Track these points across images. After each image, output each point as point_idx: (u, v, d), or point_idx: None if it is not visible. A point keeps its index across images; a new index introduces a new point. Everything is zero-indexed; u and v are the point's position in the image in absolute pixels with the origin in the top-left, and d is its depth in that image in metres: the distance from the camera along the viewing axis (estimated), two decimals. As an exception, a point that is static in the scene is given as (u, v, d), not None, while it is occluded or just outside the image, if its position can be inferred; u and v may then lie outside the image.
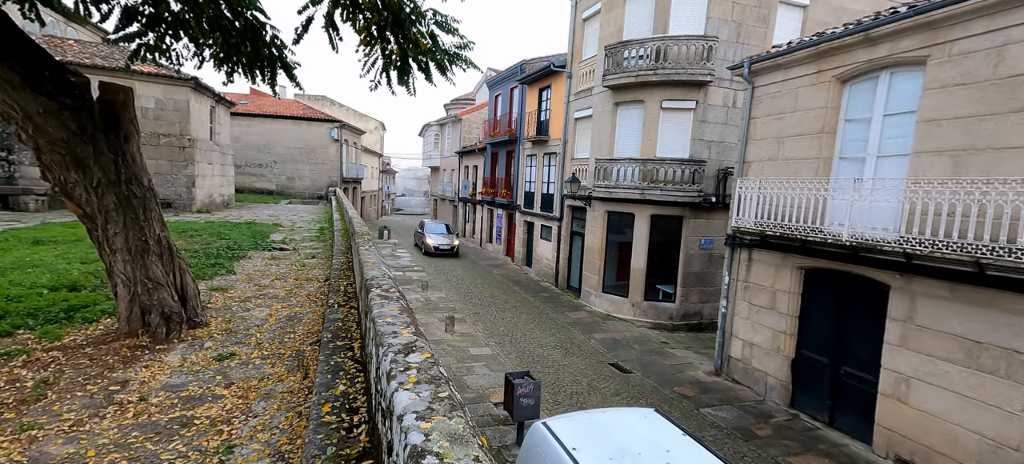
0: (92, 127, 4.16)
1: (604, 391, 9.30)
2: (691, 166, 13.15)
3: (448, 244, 22.92)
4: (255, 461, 3.18)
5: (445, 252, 22.86)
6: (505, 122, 23.92)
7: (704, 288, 14.07)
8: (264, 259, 10.25)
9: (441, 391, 1.74)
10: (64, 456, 3.10)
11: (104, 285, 6.81)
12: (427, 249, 22.87)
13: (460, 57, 4.77)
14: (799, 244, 8.06)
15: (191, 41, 5.05)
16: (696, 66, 12.65)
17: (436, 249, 22.68)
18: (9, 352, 4.40)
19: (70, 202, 4.44)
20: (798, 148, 8.57)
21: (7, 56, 3.57)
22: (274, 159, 29.64)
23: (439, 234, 23.80)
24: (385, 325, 2.49)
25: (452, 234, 24.37)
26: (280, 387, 4.32)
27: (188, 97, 17.39)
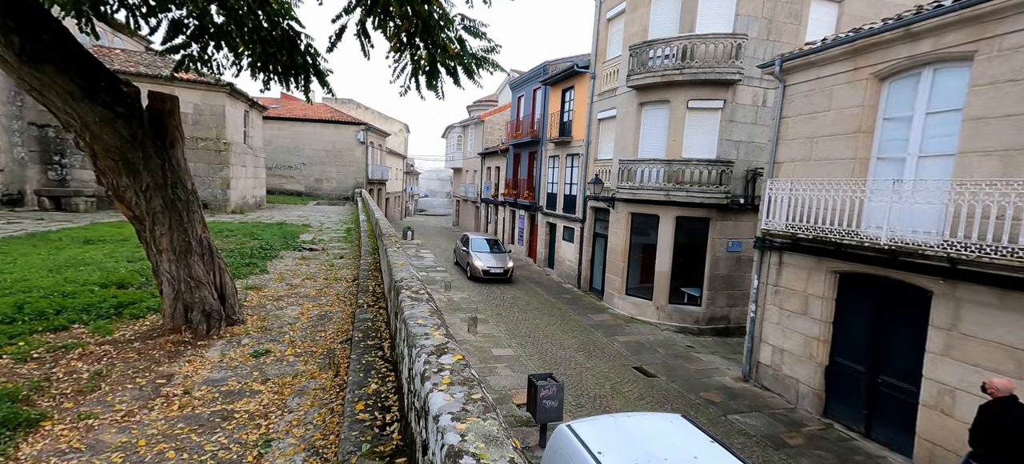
0: (142, 134, 4.42)
1: (628, 395, 9.21)
2: (718, 167, 12.87)
3: (500, 267, 17.59)
4: (291, 455, 3.31)
5: (497, 277, 17.52)
6: (528, 123, 23.95)
7: (731, 291, 13.74)
8: (295, 259, 10.59)
9: (474, 393, 1.79)
10: (118, 445, 3.30)
11: (149, 283, 7.19)
12: (474, 272, 17.57)
13: (487, 60, 4.83)
14: (834, 248, 7.79)
15: (231, 51, 5.29)
16: (724, 65, 12.38)
17: (486, 273, 17.39)
18: (66, 345, 4.71)
19: (121, 204, 4.72)
20: (833, 148, 8.28)
21: (68, 68, 3.84)
22: (303, 161, 30.54)
23: (487, 253, 18.41)
24: (417, 326, 2.56)
25: (504, 252, 18.95)
26: (313, 384, 4.47)
27: (224, 102, 18.12)
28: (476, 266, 17.49)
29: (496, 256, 18.23)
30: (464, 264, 18.91)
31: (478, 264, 17.45)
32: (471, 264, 17.72)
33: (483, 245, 19.15)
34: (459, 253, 20.23)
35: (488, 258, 17.93)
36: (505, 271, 17.68)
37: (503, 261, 18.01)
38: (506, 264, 17.79)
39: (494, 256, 18.27)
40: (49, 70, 3.74)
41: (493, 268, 17.54)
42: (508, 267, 17.78)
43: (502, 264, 17.80)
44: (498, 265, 17.68)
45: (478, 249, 18.69)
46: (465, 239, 20.08)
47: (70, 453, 3.15)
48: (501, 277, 17.66)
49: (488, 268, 17.44)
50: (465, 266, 18.73)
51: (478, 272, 17.44)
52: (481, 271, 17.35)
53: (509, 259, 18.30)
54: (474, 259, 17.69)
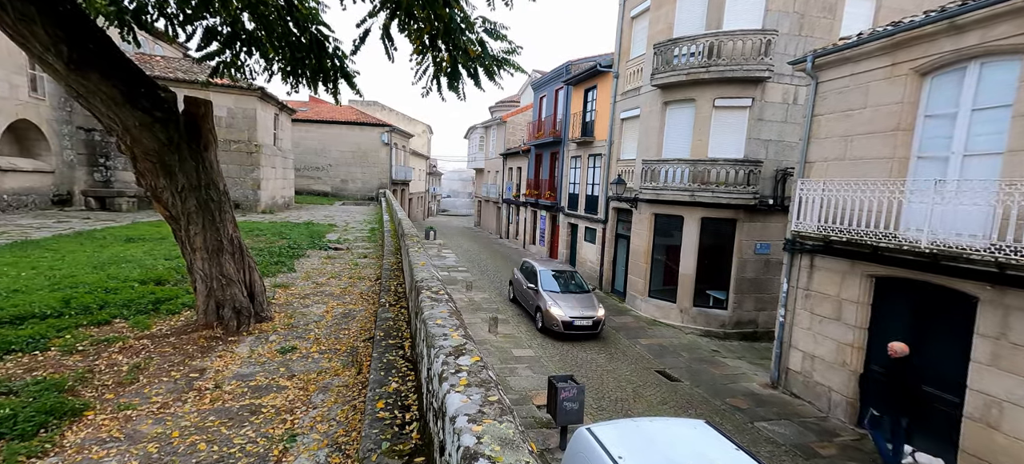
0: (178, 137, 4.62)
1: (650, 399, 9.05)
2: (746, 167, 12.50)
3: (588, 317, 11.90)
4: (315, 450, 3.39)
5: (583, 333, 11.86)
6: (549, 124, 23.88)
7: (759, 295, 13.33)
8: (321, 258, 10.87)
9: (491, 395, 1.79)
10: (154, 435, 3.45)
11: (184, 280, 7.51)
12: (548, 324, 11.88)
13: (508, 62, 4.84)
14: (869, 251, 7.45)
15: (262, 57, 5.47)
16: (753, 62, 12.03)
17: (568, 327, 11.63)
18: (108, 339, 4.97)
19: (159, 205, 4.95)
20: (869, 147, 7.93)
21: (111, 75, 4.06)
22: (330, 162, 31.32)
23: (566, 294, 12.62)
24: (436, 327, 2.58)
25: (587, 290, 13.29)
26: (336, 381, 4.57)
27: (255, 106, 18.77)
28: (553, 316, 11.71)
29: (580, 299, 12.46)
30: (530, 307, 13.17)
31: (556, 314, 11.69)
32: (546, 312, 11.95)
33: (555, 281, 13.20)
34: (521, 289, 14.17)
35: (569, 304, 12.08)
36: (595, 323, 11.84)
37: (590, 307, 12.14)
38: (596, 312, 11.98)
39: (577, 299, 12.43)
40: (94, 77, 3.95)
41: (579, 320, 11.68)
42: (598, 316, 11.93)
43: (590, 312, 11.92)
44: (585, 315, 11.81)
45: (550, 287, 12.82)
46: (529, 269, 14.13)
47: (110, 442, 3.32)
48: (589, 332, 11.86)
49: (572, 320, 11.62)
50: (531, 310, 13.01)
51: (556, 324, 11.65)
52: (560, 323, 11.57)
53: (599, 306, 12.44)
54: (549, 305, 11.93)
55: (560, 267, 14.74)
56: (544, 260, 16.56)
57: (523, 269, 14.86)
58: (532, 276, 13.70)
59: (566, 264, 17.25)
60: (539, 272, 13.53)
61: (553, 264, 15.17)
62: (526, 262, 15.07)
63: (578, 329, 11.83)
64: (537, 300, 12.68)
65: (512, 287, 15.35)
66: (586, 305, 12.31)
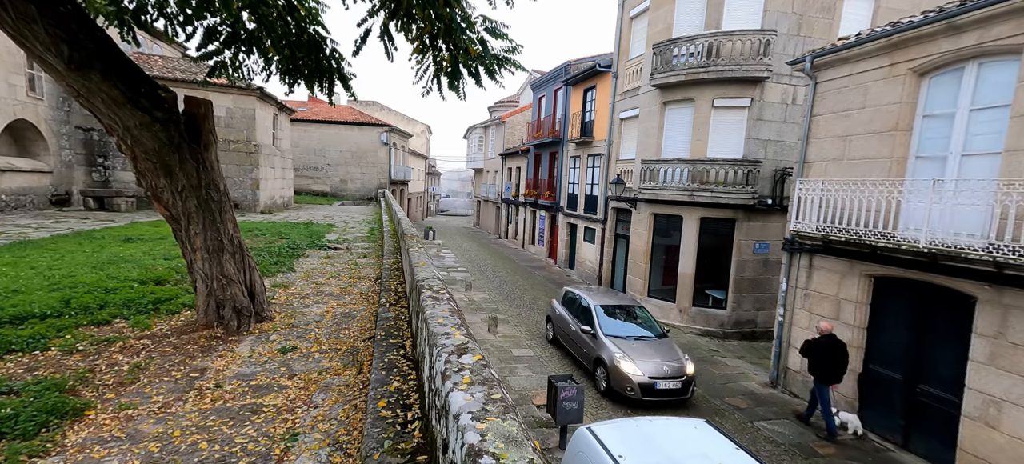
0: (178, 138, 4.62)
1: (650, 398, 9.05)
2: (745, 167, 12.53)
3: (676, 376, 8.43)
4: (316, 449, 3.40)
5: (671, 398, 8.50)
6: (549, 123, 23.89)
7: (758, 295, 13.36)
8: (320, 258, 10.86)
9: (494, 393, 1.79)
10: (155, 434, 3.45)
11: (183, 280, 7.50)
12: (619, 385, 8.43)
13: (509, 61, 4.84)
14: (868, 250, 7.48)
15: (260, 56, 5.47)
16: (752, 62, 12.06)
17: (647, 391, 8.27)
18: (109, 339, 4.96)
19: (159, 205, 4.94)
20: (867, 147, 7.96)
21: (111, 75, 4.05)
22: (329, 162, 31.29)
23: (640, 345, 9.00)
24: (437, 326, 2.59)
25: (663, 334, 9.72)
26: (337, 380, 4.58)
27: (254, 106, 18.75)
28: (626, 374, 8.28)
29: (657, 347, 8.91)
30: (584, 359, 9.58)
31: (630, 372, 8.27)
32: (614, 369, 8.45)
33: (616, 321, 9.62)
34: (565, 330, 10.51)
35: (645, 356, 8.55)
36: (685, 383, 8.41)
37: (673, 357, 8.67)
38: (683, 365, 8.51)
39: (653, 348, 8.86)
40: (94, 77, 3.95)
41: (662, 380, 8.26)
42: (688, 372, 8.47)
43: (675, 366, 8.46)
44: (670, 371, 8.35)
45: (613, 331, 9.23)
46: (576, 302, 10.55)
47: (112, 441, 3.32)
48: (677, 397, 8.45)
49: (652, 381, 8.19)
50: (586, 362, 9.54)
51: (630, 387, 8.24)
52: (637, 386, 8.18)
53: (681, 350, 9.10)
54: (618, 359, 8.48)
55: (618, 300, 10.85)
56: (593, 290, 11.82)
57: (566, 302, 11.08)
58: (583, 314, 9.97)
59: (622, 294, 12.77)
60: (593, 309, 9.69)
61: (606, 295, 11.26)
62: (570, 293, 11.25)
63: (662, 393, 8.22)
64: (597, 350, 8.93)
65: (552, 326, 11.45)
66: (667, 355, 8.69)
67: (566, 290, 11.64)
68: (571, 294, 11.25)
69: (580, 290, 11.28)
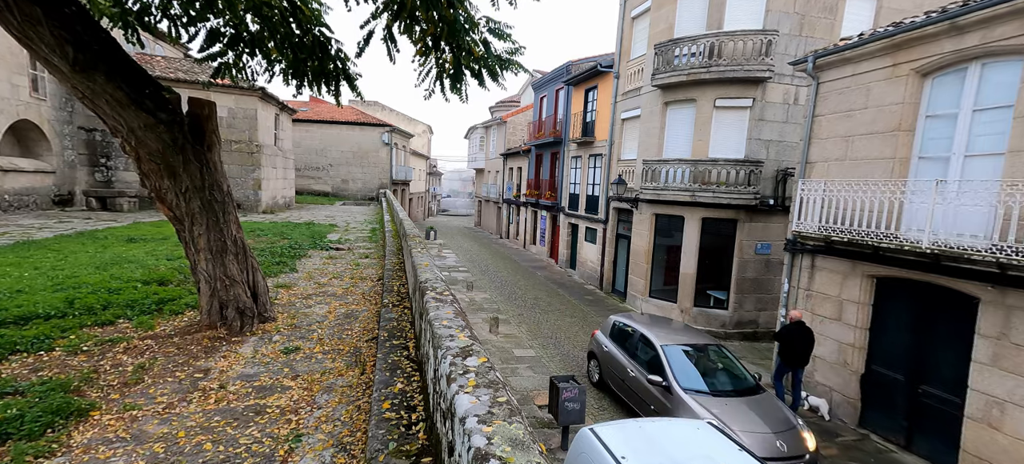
0: (182, 139, 4.63)
1: (652, 399, 9.05)
2: (747, 167, 12.52)
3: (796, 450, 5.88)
4: (320, 450, 3.41)
5: None
6: (550, 124, 23.89)
7: (760, 295, 13.34)
8: (322, 258, 10.87)
9: (500, 396, 1.80)
10: (159, 435, 3.46)
11: (186, 280, 7.51)
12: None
13: (511, 62, 4.85)
14: (870, 251, 7.47)
15: (264, 58, 5.48)
16: (754, 62, 12.05)
17: None
18: (113, 339, 4.98)
19: (163, 205, 4.96)
20: (870, 147, 7.94)
21: (116, 77, 4.07)
22: (330, 162, 31.32)
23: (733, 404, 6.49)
24: (442, 328, 2.59)
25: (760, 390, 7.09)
26: (340, 381, 4.58)
27: (256, 106, 18.77)
28: None
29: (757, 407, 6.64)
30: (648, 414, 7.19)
31: None
32: None
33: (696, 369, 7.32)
34: (618, 373, 8.25)
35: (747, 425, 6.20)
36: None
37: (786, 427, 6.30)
38: (804, 441, 6.16)
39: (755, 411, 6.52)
40: (99, 79, 3.97)
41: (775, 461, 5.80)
42: (809, 448, 6.12)
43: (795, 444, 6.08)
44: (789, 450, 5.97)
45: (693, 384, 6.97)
46: (633, 336, 8.28)
47: (117, 442, 3.33)
48: None
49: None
50: None
51: None
52: None
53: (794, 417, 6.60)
54: None
55: (690, 336, 8.10)
56: (650, 319, 9.10)
57: (616, 334, 8.54)
58: (645, 354, 7.64)
59: (690, 328, 9.34)
60: (661, 352, 7.30)
61: (671, 328, 8.40)
62: (621, 324, 8.61)
63: None
64: (673, 409, 6.65)
65: (595, 364, 9.01)
66: (776, 421, 6.32)
67: (615, 321, 8.90)
68: (623, 326, 8.52)
69: (635, 321, 8.57)
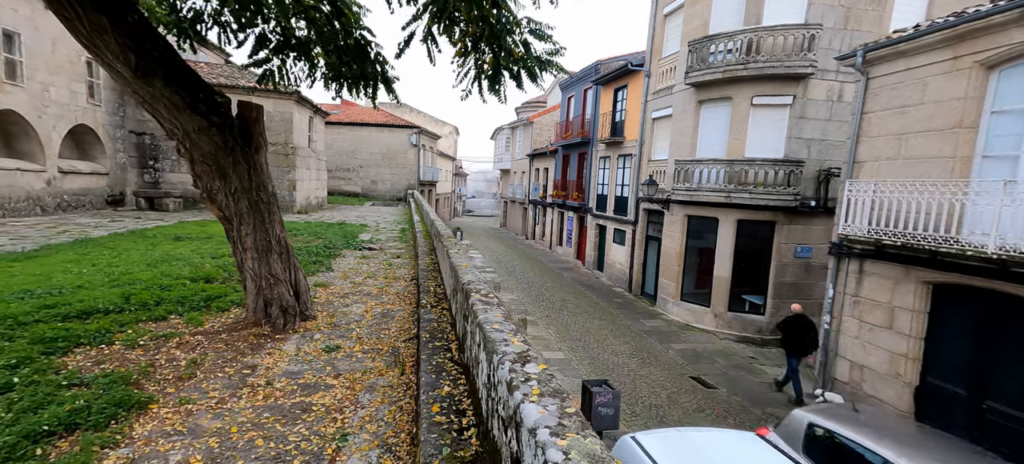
0: (232, 141, 4.79)
1: (686, 406, 8.83)
2: (786, 167, 12.05)
3: None
4: (366, 450, 3.44)
5: None
6: (578, 124, 23.68)
7: (800, 300, 12.78)
8: (356, 258, 11.08)
9: (567, 406, 1.74)
10: (213, 430, 3.57)
11: (231, 278, 7.78)
12: None
13: (551, 63, 4.79)
14: (927, 256, 7.03)
15: (305, 62, 5.61)
16: (795, 58, 11.58)
17: None
18: (166, 334, 5.19)
19: (213, 206, 5.13)
20: (926, 145, 7.49)
21: (173, 82, 4.24)
22: (360, 164, 32.00)
23: None
24: (494, 332, 2.56)
25: None
26: (381, 381, 4.63)
27: (292, 110, 19.35)
28: None
29: None
30: None
31: None
32: None
33: None
34: None
35: None
36: None
37: None
38: None
39: None
40: (158, 84, 4.14)
41: None
42: None
43: None
44: None
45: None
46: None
47: (174, 435, 3.45)
48: None
49: None
50: None
51: None
52: None
53: None
54: None
55: None
56: (875, 419, 5.55)
57: (816, 446, 5.28)
58: None
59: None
60: None
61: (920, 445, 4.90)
62: (825, 431, 5.21)
63: None
64: None
65: None
66: None
67: (810, 423, 5.41)
68: (830, 435, 5.11)
69: (853, 432, 4.94)
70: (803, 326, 9.03)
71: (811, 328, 9.02)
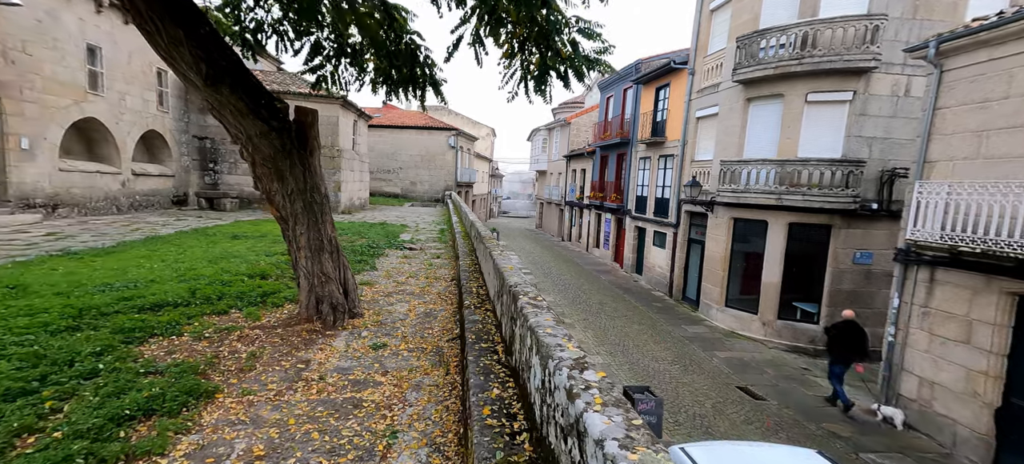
0: (289, 144, 5.02)
1: (733, 417, 8.44)
2: (844, 167, 11.31)
3: None
4: (416, 448, 3.50)
5: None
6: (617, 124, 23.27)
7: (858, 309, 11.91)
8: (398, 257, 11.37)
9: (633, 418, 1.69)
10: (273, 421, 3.74)
11: (283, 276, 8.17)
12: None
13: (599, 62, 4.72)
14: (1013, 265, 6.39)
15: (355, 67, 5.81)
16: (855, 51, 10.86)
17: None
18: (228, 328, 5.51)
19: (271, 206, 5.40)
20: (1011, 144, 6.81)
21: (238, 89, 4.50)
22: (400, 165, 32.87)
23: None
24: (548, 336, 2.53)
25: None
26: (427, 380, 4.71)
27: (338, 113, 20.13)
28: None
29: None
30: None
31: None
32: None
33: None
34: None
35: None
36: None
37: None
38: None
39: None
40: (225, 91, 4.40)
41: None
42: None
43: None
44: None
45: None
46: None
47: (239, 424, 3.65)
48: None
49: None
50: None
51: None
52: None
53: None
54: None
55: None
56: None
57: None
58: None
59: None
60: None
61: None
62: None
63: None
64: None
65: None
66: None
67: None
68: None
69: None
70: (853, 333, 8.65)
71: (861, 336, 8.61)
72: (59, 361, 4.01)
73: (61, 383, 3.70)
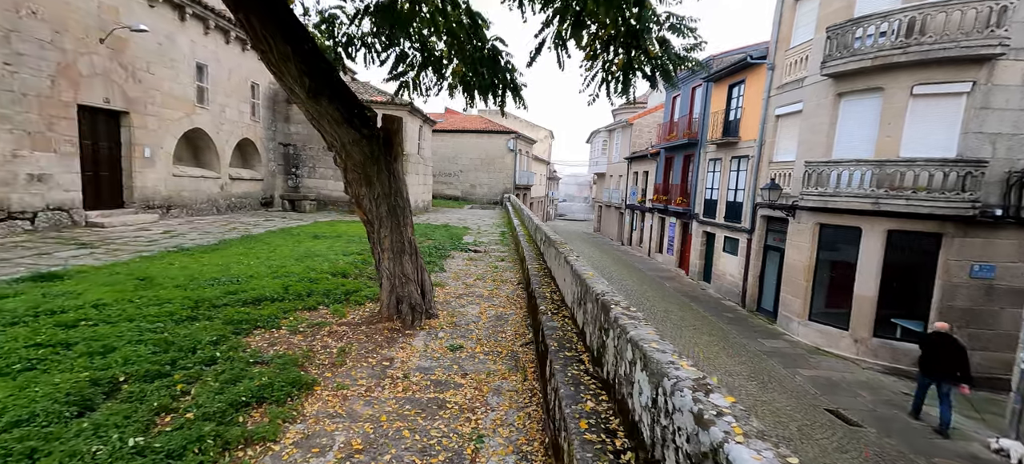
0: (377, 151, 5.27)
1: (823, 443, 7.71)
2: (960, 168, 9.99)
3: None
4: (503, 455, 3.49)
5: None
6: (683, 124, 22.27)
7: (976, 330, 10.52)
8: (464, 259, 11.59)
9: (783, 452, 1.53)
10: (366, 416, 3.91)
11: (362, 275, 8.60)
12: None
13: (689, 59, 4.48)
14: None
15: (435, 74, 5.97)
16: (977, 36, 9.56)
17: None
18: (318, 323, 5.87)
19: (359, 209, 5.70)
20: None
21: (335, 100, 4.79)
22: (460, 169, 33.72)
23: None
24: (655, 352, 2.40)
25: None
26: (505, 384, 4.71)
27: (405, 119, 21.01)
28: None
29: None
30: None
31: None
32: None
33: None
34: None
35: None
36: None
37: None
38: None
39: None
40: (324, 102, 4.70)
41: None
42: None
43: None
44: None
45: None
46: None
47: (336, 417, 3.84)
48: None
49: None
50: None
51: None
52: None
53: None
54: None
55: None
56: None
57: None
58: None
59: None
60: None
61: None
62: None
63: None
64: None
65: None
66: None
67: None
68: None
69: None
70: (948, 348, 8.05)
71: (959, 353, 7.94)
72: (184, 348, 4.46)
73: (188, 368, 4.11)
